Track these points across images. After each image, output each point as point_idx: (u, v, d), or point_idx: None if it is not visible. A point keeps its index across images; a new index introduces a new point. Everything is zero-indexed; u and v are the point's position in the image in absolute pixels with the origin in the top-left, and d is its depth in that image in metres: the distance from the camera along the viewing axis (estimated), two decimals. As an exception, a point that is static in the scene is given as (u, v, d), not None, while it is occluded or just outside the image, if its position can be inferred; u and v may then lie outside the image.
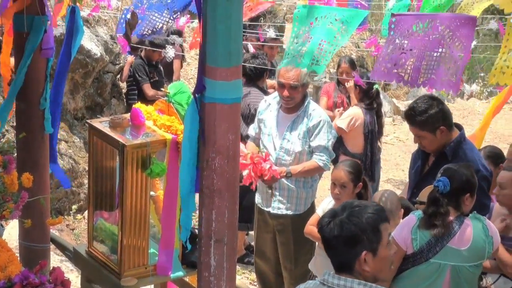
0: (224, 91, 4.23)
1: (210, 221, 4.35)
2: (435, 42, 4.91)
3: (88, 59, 9.88)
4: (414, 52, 4.96)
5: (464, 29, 4.88)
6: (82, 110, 10.23)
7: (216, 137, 4.26)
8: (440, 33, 4.89)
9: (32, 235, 5.88)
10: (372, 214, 3.63)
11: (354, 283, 3.59)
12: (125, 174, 5.29)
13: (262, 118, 6.94)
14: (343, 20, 5.34)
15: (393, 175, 12.40)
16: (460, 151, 5.78)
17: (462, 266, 5.07)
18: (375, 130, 8.30)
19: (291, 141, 6.72)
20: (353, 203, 3.76)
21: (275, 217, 6.87)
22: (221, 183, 4.30)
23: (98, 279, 5.78)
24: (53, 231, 6.77)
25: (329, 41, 5.35)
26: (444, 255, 5.04)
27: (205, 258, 4.42)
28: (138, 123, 5.54)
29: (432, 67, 4.93)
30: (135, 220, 5.41)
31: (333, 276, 3.64)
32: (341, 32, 5.36)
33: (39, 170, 5.62)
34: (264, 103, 7.05)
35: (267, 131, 6.86)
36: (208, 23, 4.17)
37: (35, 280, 4.12)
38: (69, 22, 5.49)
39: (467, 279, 5.13)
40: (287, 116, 6.80)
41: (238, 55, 4.26)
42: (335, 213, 3.68)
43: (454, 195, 5.08)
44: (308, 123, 6.69)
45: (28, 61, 5.56)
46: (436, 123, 5.79)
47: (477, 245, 5.07)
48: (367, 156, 8.24)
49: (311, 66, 5.46)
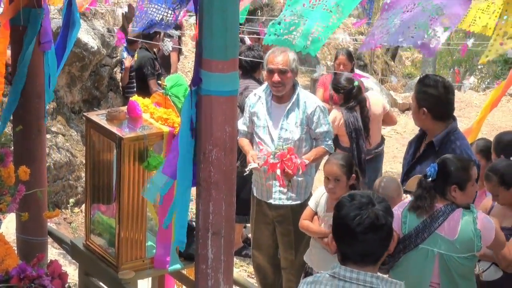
0: (221, 84, 4.22)
1: (207, 213, 4.35)
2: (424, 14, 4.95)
3: (85, 52, 9.87)
4: (398, 20, 5.00)
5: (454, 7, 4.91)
6: (79, 103, 10.23)
7: (213, 130, 4.25)
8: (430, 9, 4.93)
9: (29, 229, 5.89)
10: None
11: (367, 276, 3.60)
12: (122, 167, 5.29)
13: (254, 111, 6.94)
14: (339, 3, 5.34)
15: (391, 168, 12.41)
16: (447, 142, 5.80)
17: (450, 255, 5.07)
18: (359, 128, 8.32)
19: (288, 130, 6.73)
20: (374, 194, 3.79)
21: (275, 208, 6.87)
22: (218, 176, 4.30)
23: (96, 272, 5.79)
24: (51, 225, 6.78)
25: (325, 24, 5.35)
26: (432, 242, 5.06)
27: (203, 250, 4.41)
28: (135, 116, 5.54)
29: (411, 31, 4.97)
30: (132, 213, 5.41)
31: (345, 269, 3.63)
32: (336, 15, 5.36)
33: (36, 163, 5.63)
34: (253, 97, 7.04)
35: (261, 123, 6.86)
36: (205, 16, 4.16)
37: (32, 273, 4.13)
38: (65, 15, 5.49)
39: (457, 271, 5.12)
40: (279, 106, 6.81)
41: (235, 48, 4.25)
42: (362, 204, 3.67)
43: (440, 183, 5.12)
44: (306, 111, 6.71)
45: (28, 55, 5.56)
46: (421, 101, 5.85)
47: (465, 236, 5.06)
48: (353, 154, 8.26)
49: (305, 48, 5.46)
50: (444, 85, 5.87)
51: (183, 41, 12.57)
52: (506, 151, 6.09)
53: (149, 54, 10.12)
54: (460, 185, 5.13)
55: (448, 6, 4.97)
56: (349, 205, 3.69)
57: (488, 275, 5.53)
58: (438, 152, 5.78)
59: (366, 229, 3.60)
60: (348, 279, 3.60)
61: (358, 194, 3.78)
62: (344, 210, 3.69)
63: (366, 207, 3.66)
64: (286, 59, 6.66)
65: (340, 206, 3.73)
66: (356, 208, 3.66)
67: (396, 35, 5.00)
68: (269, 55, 6.79)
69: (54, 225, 7.94)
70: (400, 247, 5.15)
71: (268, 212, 6.93)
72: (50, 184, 8.83)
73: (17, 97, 5.67)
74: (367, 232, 3.61)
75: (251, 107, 6.98)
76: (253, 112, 6.95)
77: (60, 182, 9.22)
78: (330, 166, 6.03)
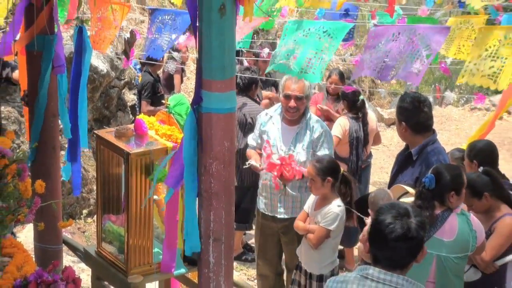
0: (220, 102, 4.23)
1: (209, 221, 4.35)
2: (409, 44, 4.96)
3: (96, 75, 9.88)
4: (389, 52, 5.01)
5: (437, 36, 4.92)
6: (91, 122, 10.23)
7: (213, 144, 4.25)
8: (415, 39, 4.94)
9: (45, 237, 5.88)
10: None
11: (399, 278, 3.59)
12: (130, 180, 5.29)
13: (265, 130, 6.90)
14: (330, 32, 5.35)
15: (378, 178, 12.42)
16: (424, 153, 5.83)
17: (447, 256, 5.08)
18: (360, 137, 8.33)
19: (296, 151, 6.70)
20: (413, 207, 3.83)
21: (280, 221, 6.85)
22: (218, 187, 4.30)
23: (107, 276, 5.78)
24: (66, 234, 6.77)
25: (318, 52, 5.36)
26: (431, 246, 5.02)
27: (205, 256, 4.41)
28: (141, 133, 5.54)
29: (402, 64, 4.98)
30: (140, 222, 5.40)
31: (379, 271, 3.62)
32: (329, 43, 5.37)
33: (51, 177, 5.63)
34: (265, 116, 7.00)
35: (271, 142, 6.81)
36: (204, 39, 4.17)
37: (48, 279, 4.12)
38: (77, 41, 5.49)
39: (452, 269, 5.14)
40: (290, 128, 6.77)
41: (232, 68, 4.26)
42: (399, 214, 3.68)
43: (438, 191, 5.11)
44: (312, 135, 6.67)
45: (47, 78, 5.56)
46: (400, 116, 5.91)
47: (462, 237, 5.08)
48: (352, 161, 8.27)
49: (300, 74, 5.46)
50: (419, 100, 5.90)
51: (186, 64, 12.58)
52: (478, 157, 6.11)
53: (151, 78, 10.13)
54: (457, 191, 5.15)
55: (430, 35, 5.00)
56: (387, 212, 3.70)
57: (468, 276, 5.52)
58: (416, 162, 5.83)
59: (397, 238, 3.61)
60: (381, 281, 3.60)
61: (398, 204, 3.79)
62: (382, 216, 3.70)
63: (402, 218, 3.67)
64: (303, 86, 6.62)
65: (380, 212, 3.75)
66: (393, 217, 3.67)
67: (386, 71, 5.01)
68: (286, 81, 6.70)
69: (69, 234, 7.92)
70: None
71: (273, 224, 6.90)
72: (65, 197, 8.82)
73: (42, 117, 5.67)
74: (397, 241, 3.61)
75: (262, 125, 6.94)
76: (263, 131, 6.91)
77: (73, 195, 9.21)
78: (308, 167, 6.24)
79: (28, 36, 5.60)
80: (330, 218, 6.11)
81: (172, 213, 5.46)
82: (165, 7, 14.86)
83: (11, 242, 4.56)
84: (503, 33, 4.80)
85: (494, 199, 5.63)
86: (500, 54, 4.77)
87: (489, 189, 5.60)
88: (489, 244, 5.48)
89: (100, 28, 6.98)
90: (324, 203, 6.20)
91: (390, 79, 5.08)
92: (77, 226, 9.02)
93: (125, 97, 11.25)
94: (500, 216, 5.60)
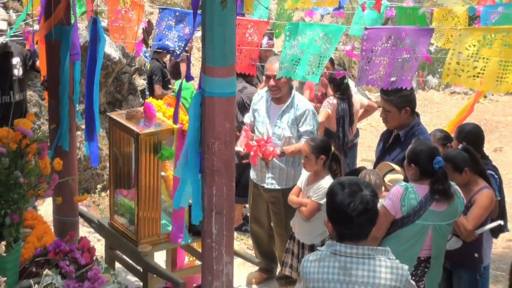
0: (221, 87, 4.21)
1: (211, 196, 4.35)
2: (401, 50, 4.94)
3: (108, 62, 9.85)
4: (385, 60, 4.98)
5: (422, 38, 4.90)
6: (104, 105, 10.20)
7: (215, 126, 4.25)
8: (406, 42, 4.92)
9: (63, 210, 5.89)
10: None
11: (364, 250, 3.60)
12: (139, 157, 5.30)
13: (256, 108, 6.94)
14: (327, 35, 5.33)
15: (366, 155, 12.44)
16: (412, 135, 5.86)
17: (441, 224, 5.12)
18: (346, 116, 8.32)
19: (281, 127, 6.72)
20: (360, 180, 3.81)
21: (269, 191, 6.87)
22: (220, 164, 4.30)
23: (119, 246, 5.80)
24: (81, 207, 6.77)
25: (318, 55, 5.34)
26: (427, 218, 5.08)
27: (208, 227, 4.41)
28: (150, 115, 5.54)
29: (398, 70, 4.97)
30: (149, 196, 5.42)
31: (345, 246, 3.61)
32: (326, 46, 5.35)
33: (68, 155, 5.62)
34: (257, 96, 7.05)
35: (261, 119, 6.86)
36: (207, 30, 4.16)
37: (65, 248, 4.14)
38: (91, 32, 5.47)
39: (444, 235, 5.22)
40: (277, 106, 6.79)
41: (232, 56, 4.24)
42: (353, 191, 3.64)
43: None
44: (296, 112, 6.68)
45: (67, 65, 5.55)
46: (404, 103, 5.90)
47: (453, 206, 5.13)
48: (339, 137, 8.27)
49: (305, 77, 5.46)
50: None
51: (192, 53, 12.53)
52: (465, 139, 6.12)
53: (159, 64, 10.13)
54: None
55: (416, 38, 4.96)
56: (342, 193, 3.66)
57: (450, 245, 5.54)
58: (403, 143, 5.85)
59: (359, 213, 3.59)
60: (349, 255, 3.59)
61: (346, 181, 3.73)
62: (338, 198, 3.66)
63: (357, 194, 3.63)
64: None
65: (333, 194, 3.70)
66: (349, 196, 3.63)
67: (386, 78, 5.00)
68: (268, 63, 6.73)
69: (85, 207, 7.93)
70: (399, 224, 5.15)
71: (263, 193, 6.94)
72: (81, 173, 8.82)
73: (67, 101, 5.65)
74: (360, 216, 3.59)
75: (254, 104, 6.98)
76: (255, 109, 6.95)
77: (89, 171, 9.20)
78: (303, 145, 6.22)
79: (47, 26, 5.58)
80: (321, 193, 6.12)
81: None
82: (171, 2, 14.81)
83: (32, 214, 4.57)
84: (482, 33, 4.71)
85: (472, 174, 5.65)
86: (481, 55, 4.69)
87: (469, 165, 5.62)
88: (471, 214, 5.51)
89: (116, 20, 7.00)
90: (316, 179, 6.21)
91: (391, 86, 5.05)
92: (92, 200, 9.03)
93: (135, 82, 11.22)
94: (479, 189, 5.61)
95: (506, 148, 13.52)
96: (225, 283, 4.49)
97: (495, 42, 4.63)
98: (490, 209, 5.62)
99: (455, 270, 5.75)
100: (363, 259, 3.59)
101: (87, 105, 5.70)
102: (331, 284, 3.59)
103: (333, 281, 3.59)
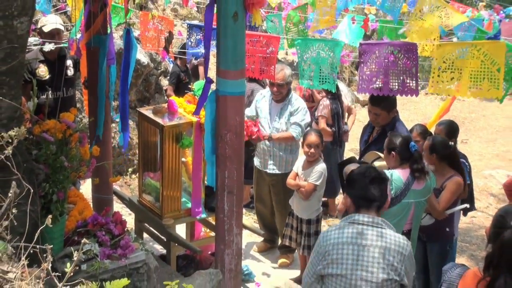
0: (233, 87, 4.23)
1: (224, 178, 4.37)
2: (393, 62, 4.90)
3: (138, 66, 9.83)
4: (381, 71, 4.95)
5: (409, 52, 4.86)
6: (135, 101, 10.19)
7: (227, 119, 4.26)
8: (395, 55, 4.88)
9: (100, 189, 5.90)
10: None
11: (378, 220, 3.63)
12: (164, 146, 5.31)
13: (259, 106, 6.92)
14: (330, 49, 5.31)
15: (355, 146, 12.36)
16: (394, 128, 5.87)
17: (420, 201, 5.16)
18: (339, 113, 8.30)
19: (279, 122, 6.72)
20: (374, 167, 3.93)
21: (270, 175, 6.87)
22: (231, 152, 4.31)
23: (147, 220, 5.82)
24: (115, 187, 6.78)
25: (326, 66, 5.32)
26: (410, 196, 5.10)
27: (221, 204, 4.44)
28: (173, 110, 5.54)
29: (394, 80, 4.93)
30: (171, 178, 5.43)
31: (363, 215, 3.64)
32: (331, 58, 5.32)
33: (104, 143, 5.63)
34: (260, 95, 7.03)
35: (263, 115, 6.84)
36: (221, 39, 4.17)
37: (102, 221, 4.15)
38: (126, 40, 5.48)
39: (422, 209, 5.28)
40: (277, 105, 6.78)
41: (242, 61, 4.26)
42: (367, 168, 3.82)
43: None
44: (291, 109, 6.69)
45: (104, 69, 5.55)
46: (392, 106, 5.89)
47: (428, 184, 5.17)
48: (335, 132, 8.26)
49: (320, 86, 5.43)
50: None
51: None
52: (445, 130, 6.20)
53: (177, 69, 10.07)
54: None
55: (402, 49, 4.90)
56: (358, 171, 3.79)
57: (424, 221, 5.55)
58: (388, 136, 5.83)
59: (373, 179, 3.67)
60: (365, 223, 3.61)
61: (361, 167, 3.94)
62: (356, 174, 3.77)
63: (370, 168, 3.82)
64: (283, 75, 6.59)
65: (352, 173, 3.81)
66: (364, 168, 3.80)
67: (385, 86, 4.95)
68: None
69: (118, 187, 7.93)
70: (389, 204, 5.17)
71: (265, 177, 6.93)
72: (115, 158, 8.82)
73: (103, 98, 5.66)
74: (373, 182, 3.67)
75: (257, 101, 6.96)
76: (258, 106, 6.94)
77: (122, 157, 9.21)
78: (311, 137, 6.15)
79: (88, 36, 5.59)
80: (316, 176, 6.12)
81: (197, 172, 5.49)
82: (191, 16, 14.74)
83: (74, 192, 4.59)
84: (455, 48, 4.70)
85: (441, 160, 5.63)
86: (456, 66, 4.68)
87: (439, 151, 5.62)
88: (441, 198, 5.51)
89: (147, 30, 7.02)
90: (311, 164, 6.21)
91: (392, 94, 5.03)
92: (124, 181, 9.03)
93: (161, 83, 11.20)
94: (449, 176, 5.60)
95: (470, 140, 13.51)
96: (235, 250, 4.51)
97: (466, 54, 4.63)
98: (458, 193, 5.60)
99: (429, 242, 5.75)
100: (376, 227, 3.61)
101: (121, 101, 5.71)
102: (349, 246, 3.59)
103: (351, 243, 3.59)
